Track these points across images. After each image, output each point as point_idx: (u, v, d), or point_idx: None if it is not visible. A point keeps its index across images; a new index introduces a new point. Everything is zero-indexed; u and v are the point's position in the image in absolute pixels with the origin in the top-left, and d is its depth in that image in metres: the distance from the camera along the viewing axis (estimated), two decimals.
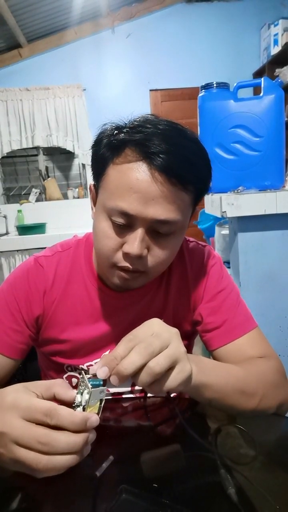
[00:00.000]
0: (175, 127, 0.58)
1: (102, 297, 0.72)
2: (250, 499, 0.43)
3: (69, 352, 0.73)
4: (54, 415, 0.40)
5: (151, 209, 0.56)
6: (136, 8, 3.57)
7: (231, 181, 1.38)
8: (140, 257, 0.58)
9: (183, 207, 0.59)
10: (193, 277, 0.74)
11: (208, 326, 0.71)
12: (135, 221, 0.57)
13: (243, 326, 0.70)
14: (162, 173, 0.55)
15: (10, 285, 0.71)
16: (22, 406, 0.41)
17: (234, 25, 3.67)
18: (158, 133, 0.55)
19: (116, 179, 0.58)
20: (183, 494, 0.44)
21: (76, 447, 0.40)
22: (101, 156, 0.60)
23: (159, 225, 0.58)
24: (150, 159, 0.55)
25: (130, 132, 0.57)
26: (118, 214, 0.57)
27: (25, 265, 0.73)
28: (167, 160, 0.54)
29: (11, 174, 3.90)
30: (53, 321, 0.72)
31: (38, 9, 3.12)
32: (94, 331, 0.72)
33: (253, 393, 0.59)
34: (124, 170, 0.57)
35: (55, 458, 0.39)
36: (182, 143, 0.56)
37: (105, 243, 0.60)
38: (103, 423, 0.59)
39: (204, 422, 0.60)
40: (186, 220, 0.62)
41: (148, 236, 0.59)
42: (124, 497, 0.42)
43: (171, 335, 0.47)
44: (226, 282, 0.74)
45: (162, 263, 0.62)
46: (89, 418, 0.41)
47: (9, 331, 0.69)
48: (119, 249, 0.60)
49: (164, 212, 0.56)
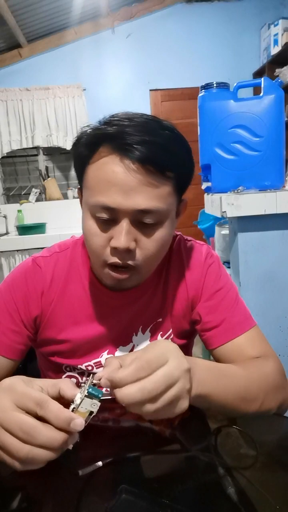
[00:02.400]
0: (150, 119, 0.59)
1: (99, 297, 0.72)
2: (250, 499, 0.43)
3: (68, 352, 0.73)
4: (44, 406, 0.42)
5: (131, 199, 0.56)
6: (136, 8, 3.57)
7: (231, 181, 1.38)
8: (128, 250, 0.58)
9: (165, 195, 0.59)
10: (190, 276, 0.74)
11: (206, 325, 0.71)
12: (118, 214, 0.57)
13: (242, 324, 0.70)
14: (137, 162, 0.55)
15: (8, 285, 0.72)
16: (18, 391, 0.43)
17: (234, 25, 3.67)
18: (132, 125, 0.56)
19: (94, 176, 0.58)
20: (183, 494, 0.44)
21: (54, 443, 0.41)
22: (80, 156, 0.61)
23: (143, 215, 0.58)
24: (124, 150, 0.55)
25: (104, 128, 0.58)
26: (100, 210, 0.58)
27: (23, 266, 0.73)
28: (142, 149, 0.55)
29: (11, 174, 3.90)
30: (51, 322, 0.72)
31: (38, 9, 3.12)
32: (92, 331, 0.72)
33: (254, 399, 0.58)
34: (100, 166, 0.57)
35: (36, 450, 0.41)
36: (156, 132, 0.56)
37: (93, 241, 0.61)
38: (103, 423, 0.59)
39: (204, 422, 0.60)
40: (171, 209, 0.61)
41: (134, 228, 0.59)
42: (124, 497, 0.42)
43: (181, 373, 0.46)
44: (224, 281, 0.74)
45: (152, 256, 0.62)
46: (74, 419, 0.42)
47: (7, 331, 0.69)
48: (107, 246, 0.60)
49: (145, 201, 0.56)
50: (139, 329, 0.74)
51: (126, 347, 0.74)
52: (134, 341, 0.74)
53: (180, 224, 0.65)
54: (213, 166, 1.41)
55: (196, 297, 0.73)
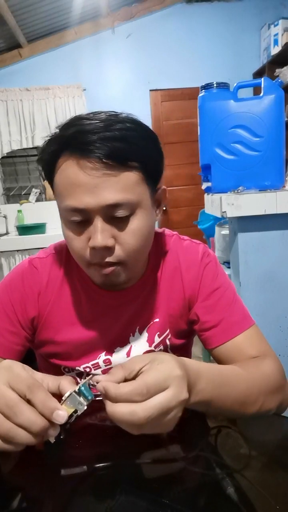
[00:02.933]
0: (108, 114, 0.58)
1: (95, 297, 0.72)
2: (250, 499, 0.43)
3: (65, 353, 0.73)
4: (34, 390, 0.43)
5: (98, 197, 0.56)
6: (136, 8, 3.57)
7: (231, 181, 1.38)
8: (106, 248, 0.58)
9: (132, 186, 0.58)
10: (187, 275, 0.74)
11: (205, 325, 0.71)
12: (89, 214, 0.58)
13: (241, 324, 0.70)
14: (95, 159, 0.55)
15: (5, 287, 0.72)
16: (14, 372, 0.44)
17: (234, 25, 3.67)
18: (88, 124, 0.56)
19: (59, 182, 0.59)
20: (182, 495, 0.44)
21: (33, 426, 0.42)
22: (45, 167, 0.62)
23: (113, 209, 0.57)
24: (83, 150, 0.55)
25: (62, 132, 0.58)
26: (71, 213, 0.59)
27: (20, 267, 0.74)
28: (100, 146, 0.54)
29: (11, 174, 3.89)
30: (48, 323, 0.72)
31: (38, 9, 3.12)
32: (89, 331, 0.72)
33: (254, 402, 0.58)
34: (63, 171, 0.58)
35: (16, 429, 0.42)
36: (112, 126, 0.56)
37: (73, 245, 0.62)
38: (103, 423, 0.59)
39: (204, 422, 0.60)
40: (142, 198, 0.60)
41: (108, 225, 0.59)
42: (124, 497, 0.42)
43: (179, 403, 0.44)
44: (221, 280, 0.74)
45: (133, 250, 0.61)
46: (58, 410, 0.43)
47: (4, 332, 0.69)
48: (86, 247, 0.60)
49: (112, 195, 0.56)
50: (136, 330, 0.74)
51: (123, 348, 0.74)
52: (131, 341, 0.74)
53: (180, 224, 0.65)
54: (213, 166, 1.41)
55: (193, 297, 0.73)
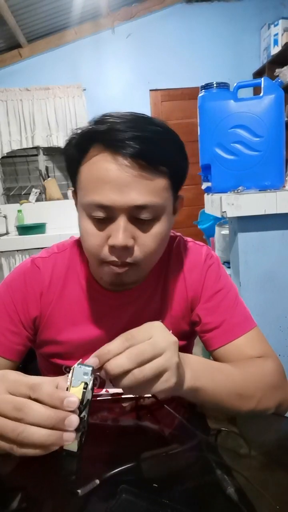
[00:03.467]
0: (140, 115, 0.59)
1: (98, 297, 0.72)
2: (250, 499, 0.43)
3: (67, 353, 0.73)
4: (37, 388, 0.42)
5: (125, 196, 0.56)
6: (136, 8, 3.57)
7: (231, 181, 1.38)
8: (126, 247, 0.58)
9: (160, 190, 0.58)
10: (190, 277, 0.74)
11: (206, 326, 0.71)
12: (114, 211, 0.57)
13: (242, 326, 0.70)
14: (130, 158, 0.55)
15: (7, 286, 0.72)
16: (10, 379, 0.43)
17: (234, 25, 3.67)
18: (122, 122, 0.56)
19: (87, 175, 0.58)
20: (182, 494, 0.44)
21: (48, 420, 0.40)
22: (72, 158, 0.61)
23: (139, 211, 0.57)
24: (116, 147, 0.55)
25: (94, 127, 0.58)
26: (95, 209, 0.58)
27: (22, 267, 0.73)
28: (133, 145, 0.54)
29: (11, 174, 3.90)
30: (50, 323, 0.72)
31: (38, 9, 3.12)
32: (91, 331, 0.72)
33: (250, 396, 0.58)
34: (92, 165, 0.57)
35: (31, 429, 0.40)
36: (147, 127, 0.56)
37: (90, 241, 0.61)
38: (103, 422, 0.59)
39: (204, 422, 0.60)
40: (166, 204, 0.61)
41: (131, 225, 0.58)
42: (124, 497, 0.42)
43: (167, 344, 0.47)
44: (224, 282, 0.74)
45: (151, 253, 0.61)
46: (67, 397, 0.41)
47: (6, 332, 0.69)
48: (104, 245, 0.59)
49: (140, 197, 0.56)
50: None
51: None
52: None
53: (180, 224, 0.66)
54: (213, 166, 1.40)
55: (196, 298, 0.73)
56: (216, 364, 0.61)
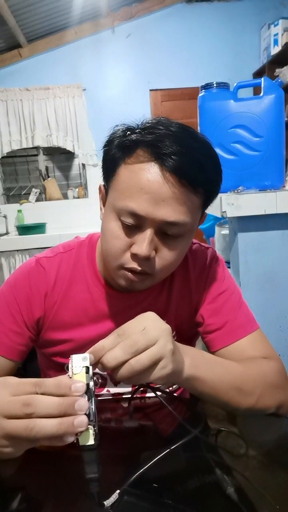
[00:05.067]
0: (186, 129, 0.58)
1: (104, 298, 0.72)
2: (250, 499, 0.43)
3: (70, 352, 0.72)
4: (42, 384, 0.42)
5: (161, 210, 0.56)
6: (136, 8, 3.57)
7: (231, 181, 1.38)
8: (148, 258, 0.58)
9: (193, 210, 0.59)
10: (195, 278, 0.74)
11: (209, 327, 0.71)
12: (144, 222, 0.57)
13: (245, 327, 0.70)
14: (173, 174, 0.55)
15: (11, 286, 0.71)
16: (12, 383, 0.43)
17: (234, 25, 3.67)
18: (170, 135, 0.56)
19: (126, 180, 0.58)
20: (183, 495, 0.44)
21: (59, 407, 0.40)
22: (112, 157, 0.60)
23: (168, 226, 0.58)
24: (161, 160, 0.55)
25: (142, 133, 0.57)
26: (127, 215, 0.58)
27: (26, 266, 0.73)
28: (179, 162, 0.54)
29: (11, 174, 3.90)
30: (54, 323, 0.71)
31: (38, 9, 3.12)
32: (96, 331, 0.72)
33: (250, 392, 0.59)
34: (135, 171, 0.57)
35: (42, 422, 0.40)
36: (193, 145, 0.56)
37: (114, 244, 0.60)
38: (103, 423, 0.59)
39: (204, 422, 0.60)
40: (195, 223, 0.62)
41: (156, 237, 0.59)
42: (125, 499, 0.42)
43: (160, 332, 0.48)
44: (228, 284, 0.74)
45: (169, 266, 0.62)
46: (74, 383, 0.42)
47: (9, 332, 0.69)
48: (127, 250, 0.60)
49: (174, 214, 0.56)
50: None
51: None
52: None
53: None
54: None
55: (200, 299, 0.73)
56: (215, 357, 0.62)
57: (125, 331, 0.48)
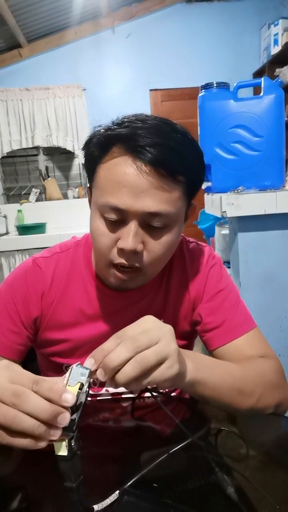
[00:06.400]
0: (164, 121, 0.58)
1: (101, 297, 0.72)
2: (250, 499, 0.43)
3: (68, 352, 0.73)
4: (39, 382, 0.42)
5: (141, 202, 0.56)
6: (136, 8, 3.57)
7: (231, 181, 1.38)
8: (135, 252, 0.58)
9: (175, 199, 0.59)
10: (192, 277, 0.74)
11: (207, 326, 0.71)
12: (127, 215, 0.57)
13: (242, 326, 0.70)
14: (149, 165, 0.55)
15: (8, 286, 0.72)
16: (14, 370, 0.44)
17: (234, 25, 3.67)
18: (145, 127, 0.56)
19: (105, 176, 0.58)
20: (183, 495, 0.44)
21: (43, 412, 0.40)
22: (91, 156, 0.61)
23: (152, 217, 0.58)
24: (137, 152, 0.55)
25: (117, 129, 0.58)
26: (109, 210, 0.58)
27: (23, 266, 0.73)
28: (154, 152, 0.54)
29: (11, 174, 3.90)
30: (52, 322, 0.72)
31: (38, 9, 3.12)
32: (93, 331, 0.72)
33: (250, 393, 0.59)
34: (112, 166, 0.57)
35: (22, 416, 0.40)
36: (169, 135, 0.56)
37: (101, 241, 0.61)
38: (103, 423, 0.59)
39: (204, 422, 0.60)
40: (179, 213, 0.61)
41: (142, 230, 0.59)
42: (126, 499, 0.42)
43: (162, 331, 0.47)
44: (226, 283, 0.74)
45: (158, 259, 0.62)
46: (65, 393, 0.41)
47: (7, 332, 0.69)
48: (114, 246, 0.60)
49: (155, 204, 0.56)
50: None
51: None
52: None
53: None
54: (213, 166, 1.40)
55: (197, 298, 0.74)
56: (215, 360, 0.62)
57: (125, 333, 0.47)
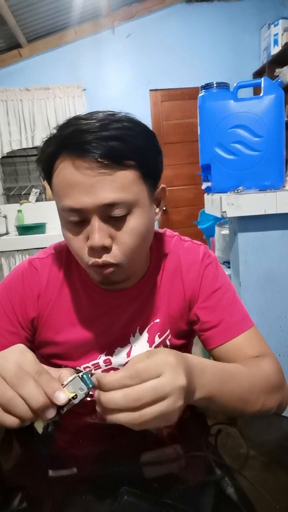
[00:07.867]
0: (105, 114, 0.59)
1: (96, 297, 0.72)
2: (250, 499, 0.43)
3: (66, 353, 0.73)
4: (40, 374, 0.45)
5: (94, 196, 0.56)
6: (136, 8, 3.57)
7: (231, 181, 1.38)
8: (104, 247, 0.59)
9: (128, 185, 0.58)
10: (188, 276, 0.74)
11: (205, 325, 0.71)
12: (86, 213, 0.58)
13: (240, 325, 0.70)
14: (91, 158, 0.55)
15: (5, 287, 0.72)
16: (26, 356, 0.47)
17: (234, 25, 3.67)
18: (85, 124, 0.56)
19: (57, 183, 0.59)
20: (183, 495, 0.44)
21: (34, 401, 0.43)
22: (44, 171, 0.62)
23: (110, 208, 0.57)
24: (80, 150, 0.55)
25: (55, 137, 0.59)
26: (69, 213, 0.59)
27: (20, 268, 0.74)
28: (93, 145, 0.55)
29: (11, 174, 3.89)
30: (48, 323, 0.72)
31: (38, 9, 3.12)
32: (90, 331, 0.72)
33: (256, 400, 0.58)
34: (60, 171, 0.58)
35: (17, 400, 0.43)
36: (110, 126, 0.56)
37: (72, 245, 0.62)
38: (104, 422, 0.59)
39: (204, 422, 0.60)
40: (139, 197, 0.60)
41: (106, 224, 0.59)
42: (126, 499, 0.42)
43: (172, 389, 0.43)
44: (222, 281, 0.74)
45: (131, 249, 0.61)
46: (59, 391, 0.44)
47: (5, 333, 0.69)
48: (85, 247, 0.60)
49: (107, 195, 0.56)
50: (136, 330, 0.74)
51: (124, 348, 0.74)
52: (131, 342, 0.74)
53: (180, 224, 0.66)
54: (213, 166, 1.41)
55: (193, 297, 0.73)
56: (227, 370, 0.59)
57: (138, 374, 0.43)
